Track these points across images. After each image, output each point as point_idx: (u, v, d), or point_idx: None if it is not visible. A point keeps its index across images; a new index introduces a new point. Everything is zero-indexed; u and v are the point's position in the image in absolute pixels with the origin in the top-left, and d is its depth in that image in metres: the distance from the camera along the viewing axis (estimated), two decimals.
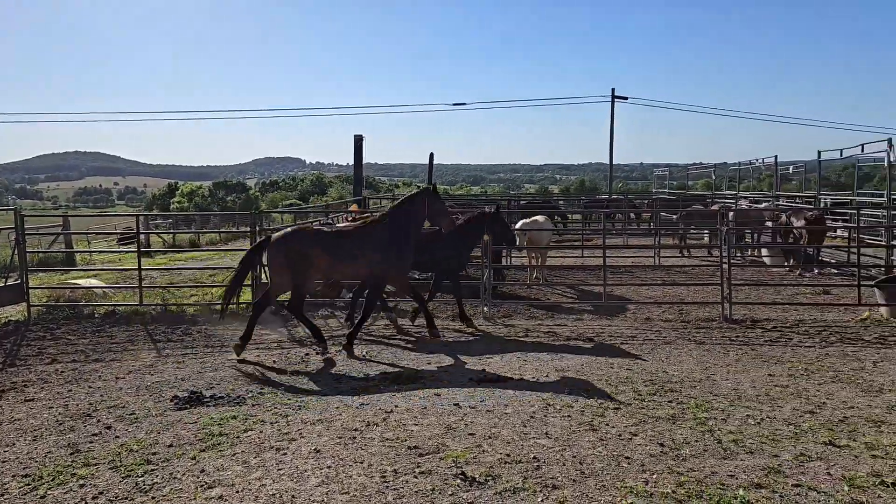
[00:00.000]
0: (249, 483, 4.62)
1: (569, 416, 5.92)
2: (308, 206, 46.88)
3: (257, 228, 12.01)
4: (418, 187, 16.39)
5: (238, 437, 5.56)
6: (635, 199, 33.77)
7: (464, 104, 43.78)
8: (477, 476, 4.56)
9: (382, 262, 8.77)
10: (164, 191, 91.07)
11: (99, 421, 6.24)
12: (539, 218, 14.38)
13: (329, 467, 4.82)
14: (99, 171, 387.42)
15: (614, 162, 42.45)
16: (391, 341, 9.47)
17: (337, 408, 6.33)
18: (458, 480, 4.50)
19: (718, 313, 10.83)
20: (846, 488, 4.38)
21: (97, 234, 27.16)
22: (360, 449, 5.16)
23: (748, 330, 9.98)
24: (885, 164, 15.04)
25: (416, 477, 4.59)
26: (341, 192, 67.71)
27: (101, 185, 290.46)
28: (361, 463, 4.87)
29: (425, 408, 6.19)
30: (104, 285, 13.07)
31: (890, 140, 14.36)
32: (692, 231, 19.62)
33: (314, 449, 5.18)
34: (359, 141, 23.25)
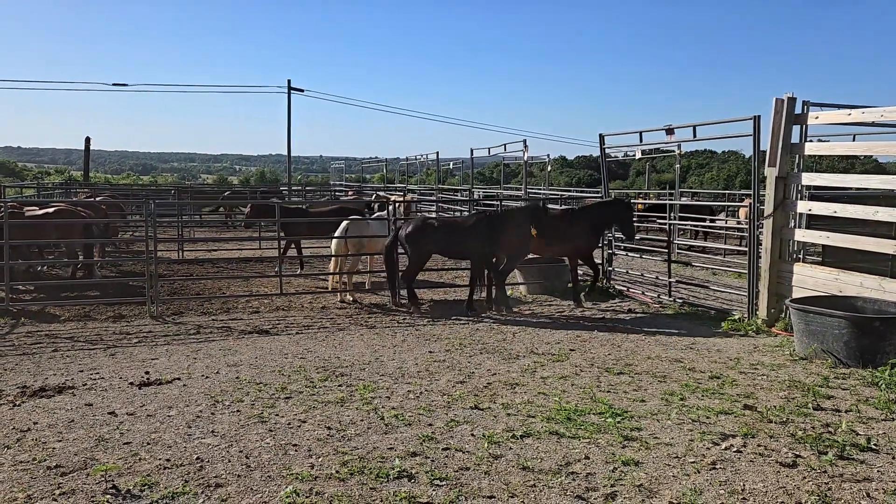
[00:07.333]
0: None
1: (238, 410, 5.78)
2: None
3: None
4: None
5: None
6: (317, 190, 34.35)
7: (125, 85, 39.79)
8: (131, 487, 4.21)
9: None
10: None
11: None
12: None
13: None
14: None
15: (294, 154, 42.60)
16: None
17: None
18: (109, 496, 4.10)
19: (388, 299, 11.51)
20: (486, 445, 4.99)
21: None
22: None
23: (412, 312, 10.74)
24: (523, 161, 17.46)
25: (55, 500, 4.07)
26: None
27: None
28: None
29: (72, 421, 5.52)
30: None
31: (525, 141, 16.73)
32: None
33: None
34: None
